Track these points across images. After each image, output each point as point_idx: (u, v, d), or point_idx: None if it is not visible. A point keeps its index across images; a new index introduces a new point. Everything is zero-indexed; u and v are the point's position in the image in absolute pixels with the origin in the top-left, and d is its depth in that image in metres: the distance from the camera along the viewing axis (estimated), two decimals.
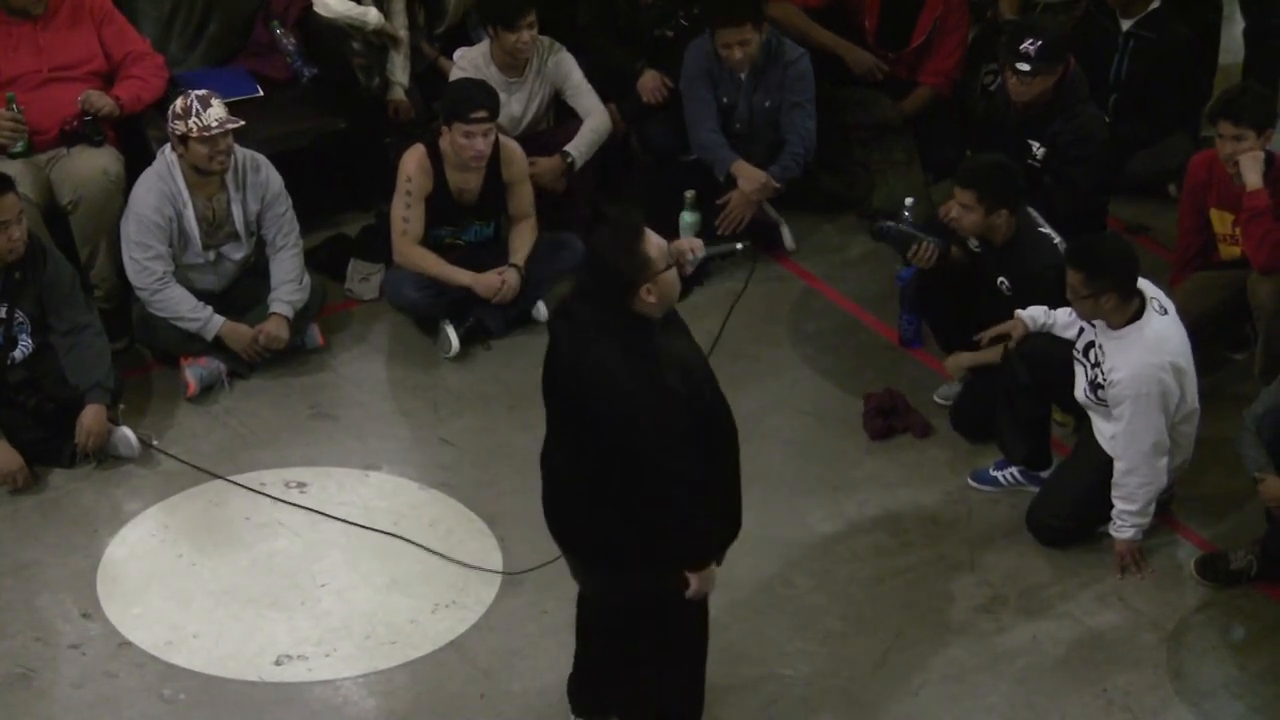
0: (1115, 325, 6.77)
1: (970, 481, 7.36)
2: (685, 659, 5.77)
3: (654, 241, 5.26)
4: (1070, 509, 7.04)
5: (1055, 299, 7.22)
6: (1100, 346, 6.86)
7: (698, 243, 5.49)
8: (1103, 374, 6.82)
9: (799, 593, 6.87)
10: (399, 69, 8.82)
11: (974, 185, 7.27)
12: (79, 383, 7.29)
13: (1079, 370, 6.97)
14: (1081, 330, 6.98)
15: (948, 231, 7.66)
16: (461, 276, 7.96)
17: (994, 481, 7.33)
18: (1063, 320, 7.12)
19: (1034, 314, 7.19)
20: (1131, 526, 6.89)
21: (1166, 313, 6.83)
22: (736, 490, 5.60)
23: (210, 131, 7.47)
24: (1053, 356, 7.09)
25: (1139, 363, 6.71)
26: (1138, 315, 6.77)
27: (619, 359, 5.19)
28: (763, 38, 8.43)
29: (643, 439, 5.19)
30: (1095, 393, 6.89)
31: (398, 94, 8.81)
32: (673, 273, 5.30)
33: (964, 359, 7.55)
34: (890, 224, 7.76)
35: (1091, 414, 6.97)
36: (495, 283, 7.92)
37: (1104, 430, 6.93)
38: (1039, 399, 7.19)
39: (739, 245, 5.54)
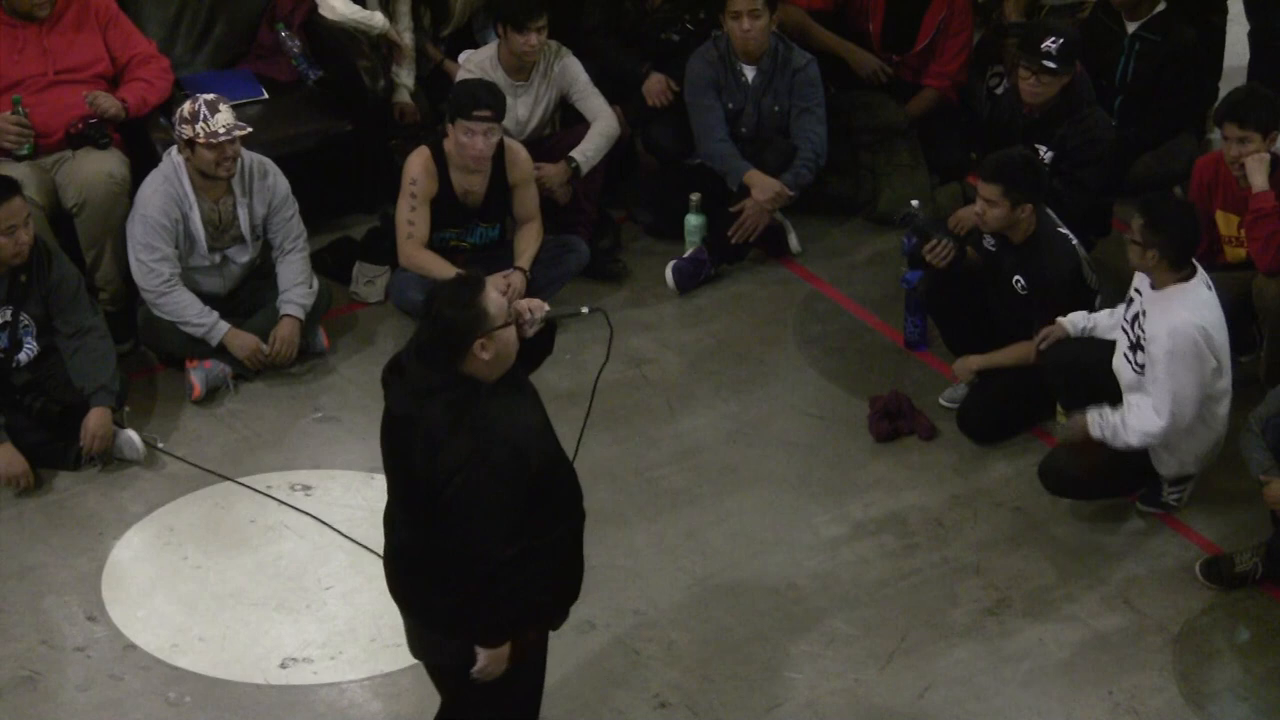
0: (1159, 285, 6.80)
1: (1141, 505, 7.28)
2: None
3: (493, 297, 5.18)
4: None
5: (1071, 299, 7.23)
6: (1144, 312, 6.88)
7: (538, 303, 5.37)
8: (1143, 333, 6.83)
9: (804, 595, 6.87)
10: (404, 72, 8.82)
11: (1000, 179, 7.25)
12: (84, 385, 7.29)
13: (1121, 339, 6.99)
14: (1131, 301, 6.98)
15: (960, 235, 7.68)
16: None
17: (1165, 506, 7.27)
18: (1104, 323, 7.13)
19: (1075, 319, 7.19)
20: (1108, 430, 6.88)
21: (1211, 289, 6.88)
22: (574, 559, 5.50)
23: (218, 138, 7.47)
24: (1085, 363, 7.11)
25: (1177, 319, 6.74)
26: (1186, 280, 6.82)
27: (446, 425, 5.10)
28: (773, 25, 8.42)
29: (452, 507, 5.11)
30: (1135, 355, 6.88)
31: (403, 96, 8.81)
32: (511, 332, 5.20)
33: (972, 362, 7.56)
34: (919, 214, 7.79)
35: (1126, 395, 6.96)
36: (500, 287, 7.91)
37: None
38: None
39: (584, 309, 5.48)
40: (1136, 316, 6.94)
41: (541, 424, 5.32)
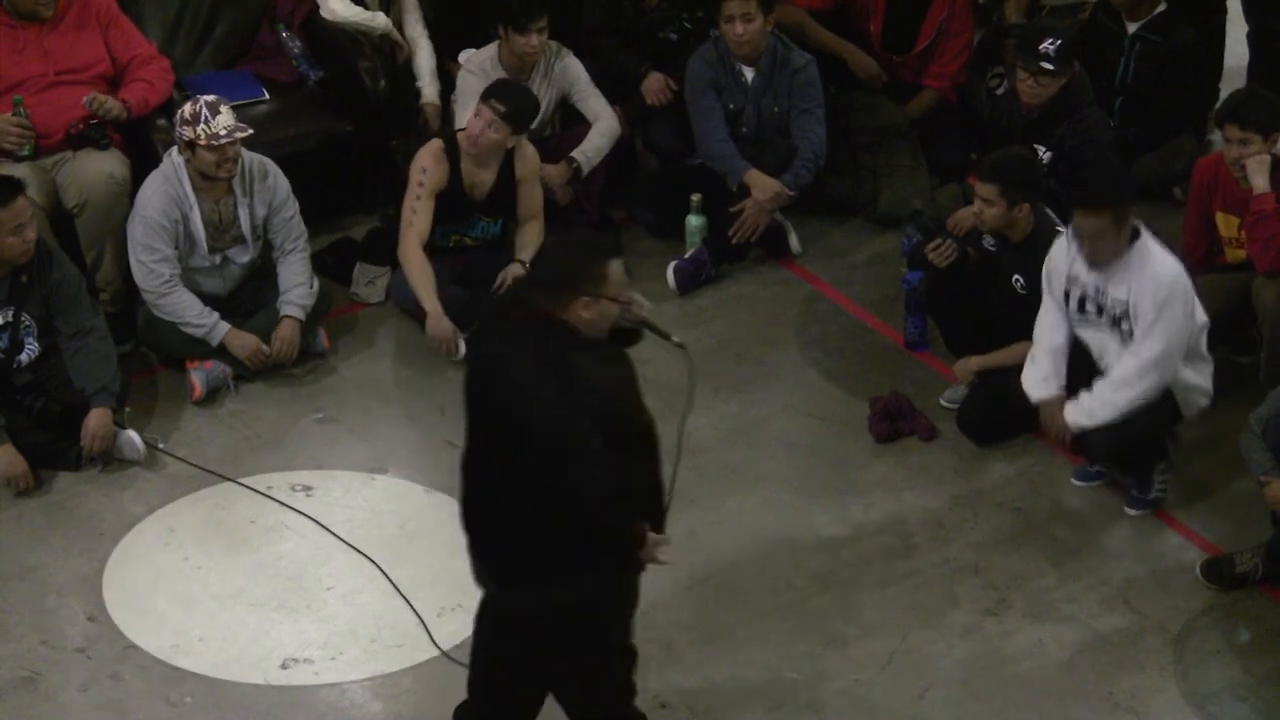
0: (1117, 256, 6.86)
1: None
2: (600, 678, 5.70)
3: (617, 270, 5.28)
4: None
5: None
6: (1099, 290, 6.95)
7: (648, 305, 5.48)
8: (1118, 302, 6.89)
9: (804, 595, 6.88)
10: (426, 73, 8.80)
11: (997, 179, 7.28)
12: (84, 386, 7.29)
13: (1087, 332, 7.05)
14: (1068, 292, 7.02)
15: (959, 236, 7.69)
16: (427, 303, 7.83)
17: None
18: (1054, 318, 7.15)
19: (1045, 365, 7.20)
20: (1099, 403, 6.94)
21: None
22: (654, 493, 5.52)
23: (219, 140, 7.47)
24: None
25: (1159, 269, 6.84)
26: (1138, 238, 6.90)
27: (534, 370, 5.15)
28: (768, 28, 8.43)
29: (548, 451, 5.15)
30: (1120, 325, 6.92)
31: (429, 98, 8.80)
32: (614, 309, 5.28)
33: (973, 363, 7.57)
34: (926, 211, 7.81)
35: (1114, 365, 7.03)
36: (445, 334, 7.85)
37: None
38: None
39: (675, 339, 5.57)
40: (1085, 299, 6.99)
41: (627, 379, 5.37)
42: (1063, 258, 7.07)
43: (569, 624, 5.45)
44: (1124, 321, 6.93)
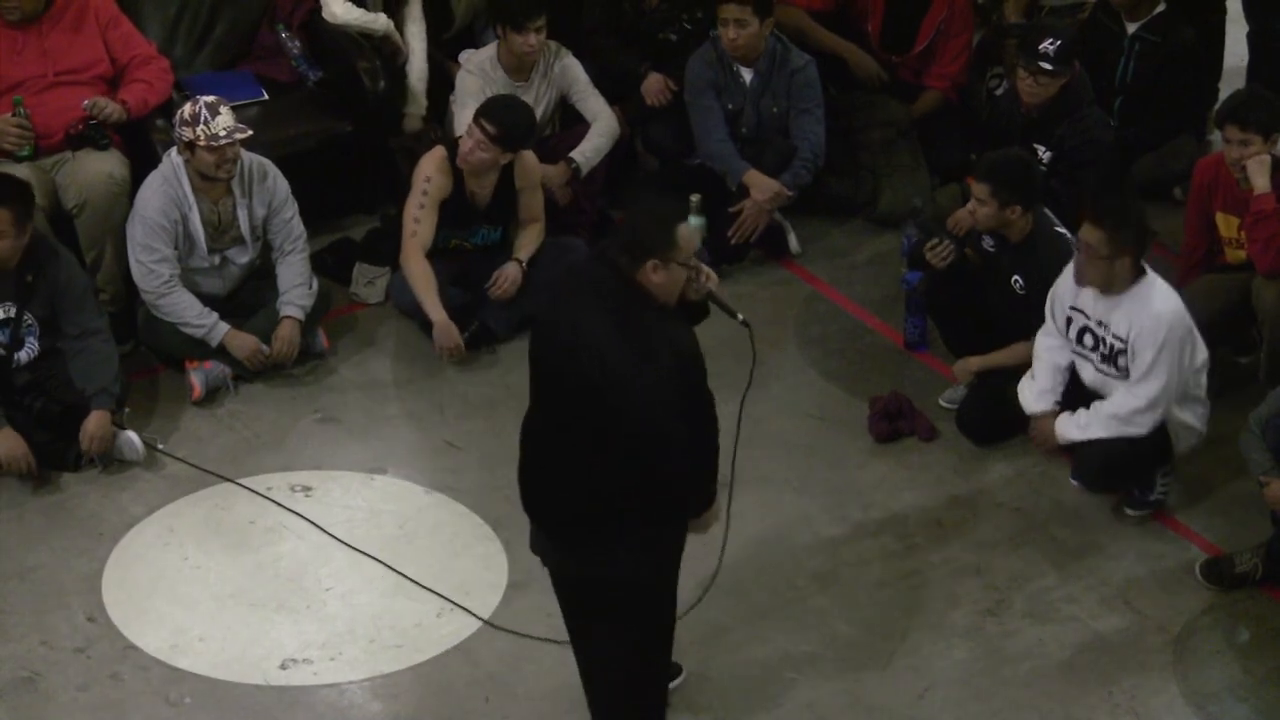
0: (1120, 290, 6.84)
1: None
2: (647, 650, 5.74)
3: (687, 235, 5.40)
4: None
5: None
6: (1100, 322, 6.94)
7: (715, 277, 5.58)
8: (1117, 340, 6.88)
9: (804, 595, 6.88)
10: (413, 84, 8.77)
11: (989, 179, 7.30)
12: (85, 387, 7.29)
13: (1080, 362, 7.05)
14: (1069, 320, 7.02)
15: (959, 236, 7.69)
16: (432, 313, 7.88)
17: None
18: (1054, 356, 7.17)
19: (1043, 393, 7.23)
20: (1078, 430, 7.01)
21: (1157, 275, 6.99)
22: (713, 470, 5.63)
23: (218, 141, 7.47)
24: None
25: (1161, 309, 6.84)
26: (1143, 274, 6.90)
27: (608, 323, 5.25)
28: (765, 32, 8.43)
29: (624, 399, 5.22)
30: (1115, 362, 6.92)
31: (414, 125, 8.77)
32: (683, 273, 5.38)
33: (972, 363, 7.57)
34: (924, 210, 7.81)
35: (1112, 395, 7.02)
36: (452, 343, 7.91)
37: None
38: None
39: (740, 316, 5.65)
40: (1085, 330, 6.99)
41: (695, 347, 5.41)
42: (1069, 287, 7.06)
43: (622, 593, 5.53)
44: (1120, 358, 6.93)
